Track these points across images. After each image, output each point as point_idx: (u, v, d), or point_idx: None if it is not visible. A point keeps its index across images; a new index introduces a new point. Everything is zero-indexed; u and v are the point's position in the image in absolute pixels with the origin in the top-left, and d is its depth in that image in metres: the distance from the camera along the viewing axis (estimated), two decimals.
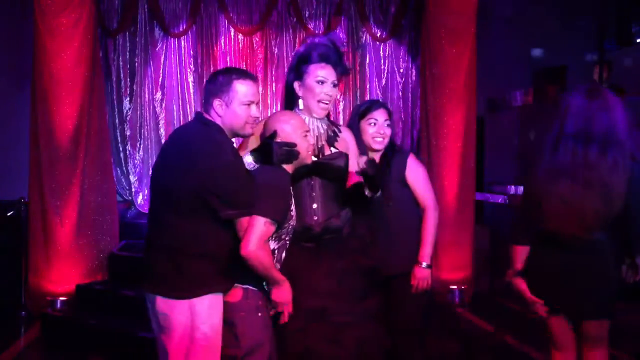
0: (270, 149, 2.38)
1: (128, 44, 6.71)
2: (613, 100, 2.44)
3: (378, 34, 6.93)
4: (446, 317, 5.01)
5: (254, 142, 2.56)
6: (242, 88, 2.34)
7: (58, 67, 4.92)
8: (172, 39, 6.78)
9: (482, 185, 6.52)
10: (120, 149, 6.71)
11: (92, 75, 5.11)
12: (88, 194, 5.10)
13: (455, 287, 5.35)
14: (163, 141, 6.79)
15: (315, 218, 2.62)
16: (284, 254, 2.46)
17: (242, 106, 2.34)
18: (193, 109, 6.87)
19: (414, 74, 7.06)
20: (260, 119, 2.49)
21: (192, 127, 2.40)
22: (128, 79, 6.71)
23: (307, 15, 6.98)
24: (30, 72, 5.07)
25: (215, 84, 2.34)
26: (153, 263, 2.32)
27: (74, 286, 4.88)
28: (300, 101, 2.67)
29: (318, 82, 2.61)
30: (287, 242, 2.45)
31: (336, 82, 2.64)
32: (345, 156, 2.67)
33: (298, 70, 2.66)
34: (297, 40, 7.02)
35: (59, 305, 4.85)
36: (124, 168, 6.71)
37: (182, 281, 2.26)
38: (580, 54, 7.08)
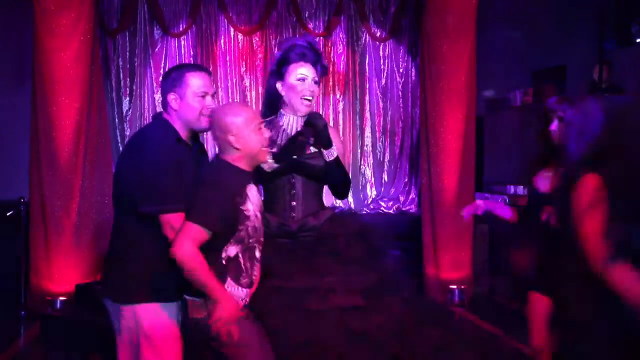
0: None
1: (128, 44, 6.72)
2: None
3: (378, 34, 6.93)
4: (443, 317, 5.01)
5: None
6: (194, 80, 2.31)
7: (58, 67, 4.92)
8: (172, 39, 6.78)
9: (482, 185, 6.53)
10: (120, 149, 6.71)
11: (91, 75, 5.10)
12: (88, 194, 5.09)
13: (455, 287, 5.34)
14: None
15: (294, 215, 2.66)
16: (257, 254, 2.28)
17: (196, 98, 2.31)
18: None
19: (413, 73, 7.06)
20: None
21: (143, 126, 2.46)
22: (128, 79, 6.72)
23: (306, 15, 6.98)
24: (30, 72, 5.07)
25: (168, 80, 2.34)
26: (104, 266, 2.40)
27: (74, 286, 4.88)
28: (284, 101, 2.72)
29: (299, 79, 2.66)
30: (254, 243, 2.25)
31: (317, 79, 2.69)
32: (320, 155, 2.67)
33: (279, 71, 2.72)
34: None
35: (59, 305, 4.85)
36: None
37: (124, 285, 2.28)
38: (580, 54, 7.08)
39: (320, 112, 7.05)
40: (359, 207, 7.39)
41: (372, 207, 7.52)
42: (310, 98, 2.68)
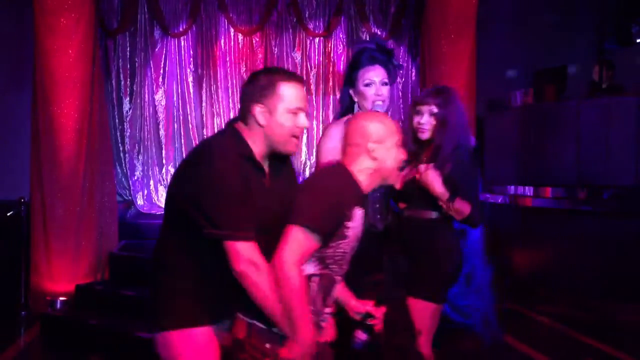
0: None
1: (128, 44, 6.72)
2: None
3: (378, 34, 6.92)
4: None
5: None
6: (289, 91, 1.96)
7: (58, 67, 4.92)
8: (172, 39, 6.78)
9: (482, 185, 6.52)
10: (120, 149, 6.71)
11: (92, 75, 5.11)
12: (88, 194, 5.10)
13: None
14: (163, 141, 6.80)
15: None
16: (334, 290, 1.97)
17: (288, 115, 1.95)
18: (193, 109, 6.87)
19: (413, 74, 7.06)
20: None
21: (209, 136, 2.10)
22: (128, 79, 6.72)
23: (307, 15, 6.98)
24: (30, 72, 5.08)
25: (255, 86, 1.97)
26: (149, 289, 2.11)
27: (74, 286, 4.88)
28: (356, 106, 2.70)
29: (366, 85, 2.63)
30: (336, 272, 1.95)
31: (386, 80, 2.66)
32: None
33: (350, 78, 2.71)
34: (297, 40, 7.04)
35: (59, 305, 4.85)
36: (124, 168, 6.71)
37: (159, 309, 2.00)
38: (580, 54, 7.08)
39: (320, 112, 7.08)
40: None
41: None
42: (381, 102, 2.63)
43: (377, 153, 1.98)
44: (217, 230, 1.83)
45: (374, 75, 2.63)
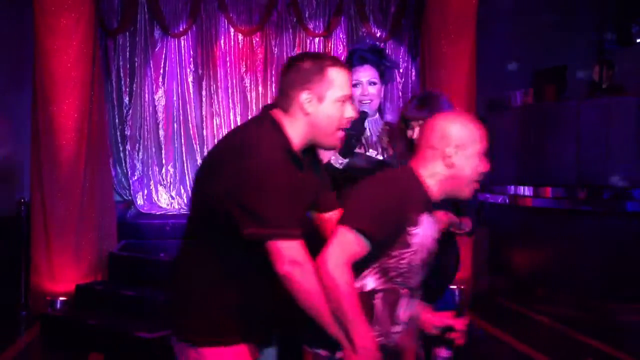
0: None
1: (128, 44, 6.72)
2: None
3: (378, 34, 6.93)
4: None
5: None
6: (338, 77, 1.75)
7: (58, 67, 4.92)
8: (172, 39, 6.78)
9: (482, 185, 6.51)
10: (120, 149, 6.71)
11: (92, 75, 5.11)
12: (88, 194, 5.10)
13: (454, 287, 5.34)
14: (163, 141, 6.81)
15: None
16: (401, 309, 1.73)
17: (337, 103, 1.76)
18: (193, 109, 6.87)
19: (413, 74, 7.05)
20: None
21: (241, 124, 1.92)
22: (128, 79, 6.72)
23: (307, 15, 6.98)
24: (30, 72, 5.07)
25: (300, 71, 1.75)
26: (168, 292, 1.92)
27: (74, 286, 4.88)
28: None
29: (354, 85, 2.58)
30: (402, 287, 1.73)
31: (375, 80, 2.62)
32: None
33: None
34: (297, 40, 7.04)
35: (59, 305, 4.85)
36: (124, 168, 6.71)
37: (189, 322, 1.79)
38: (580, 54, 7.07)
39: None
40: None
41: None
42: (368, 101, 2.60)
43: (455, 159, 1.73)
44: (261, 228, 1.63)
45: (362, 75, 2.61)
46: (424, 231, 1.71)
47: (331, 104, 1.75)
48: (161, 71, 6.80)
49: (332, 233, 1.66)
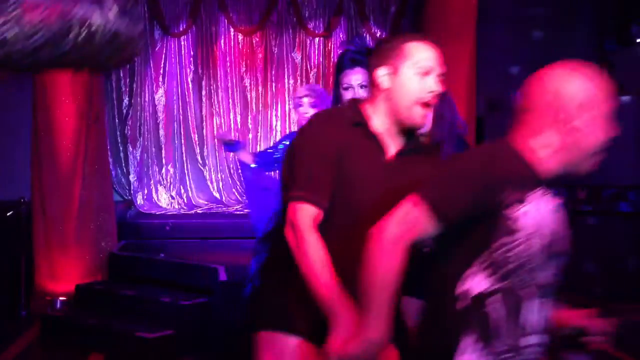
0: None
1: None
2: None
3: (378, 34, 6.93)
4: None
5: None
6: (417, 50, 1.67)
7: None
8: (172, 39, 6.78)
9: None
10: (120, 149, 6.71)
11: (92, 74, 5.10)
12: (88, 194, 5.10)
13: None
14: (163, 141, 6.81)
15: None
16: (530, 314, 1.38)
17: (415, 76, 1.64)
18: (193, 109, 6.88)
19: None
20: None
21: None
22: (128, 79, 6.72)
23: (307, 15, 6.98)
24: (30, 72, 5.07)
25: (379, 52, 1.70)
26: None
27: (74, 286, 4.88)
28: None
29: (345, 89, 2.62)
30: (521, 286, 1.37)
31: (366, 84, 2.54)
32: None
33: (335, 80, 2.70)
34: (297, 40, 7.04)
35: (59, 305, 4.85)
36: (124, 168, 6.71)
37: (255, 306, 1.77)
38: (580, 54, 7.06)
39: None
40: None
41: None
42: None
43: (577, 123, 1.37)
44: (286, 193, 1.60)
45: (353, 79, 2.60)
46: (536, 212, 1.36)
47: (408, 76, 1.64)
48: (161, 71, 6.80)
49: (400, 202, 1.40)
